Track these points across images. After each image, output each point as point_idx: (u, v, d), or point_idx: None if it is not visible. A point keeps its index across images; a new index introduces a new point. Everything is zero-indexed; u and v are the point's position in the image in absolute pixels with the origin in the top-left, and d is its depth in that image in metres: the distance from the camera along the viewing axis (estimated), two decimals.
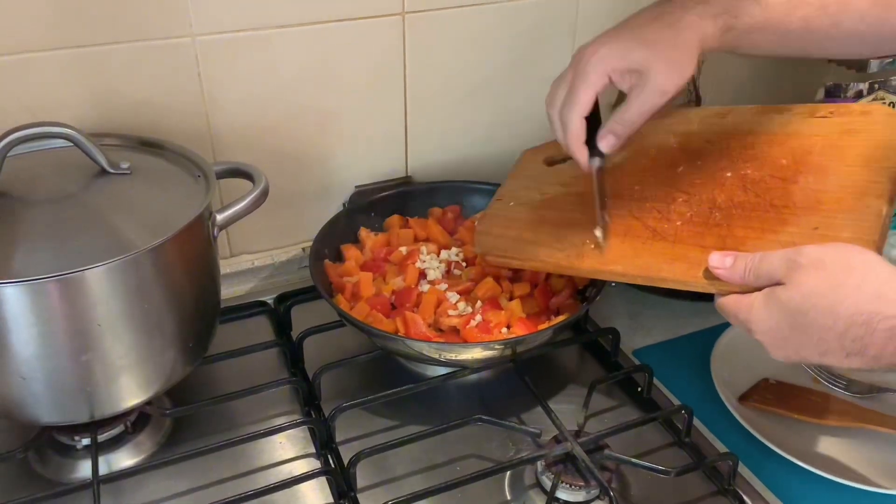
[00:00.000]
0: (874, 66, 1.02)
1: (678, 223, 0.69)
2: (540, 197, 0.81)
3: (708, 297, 0.90)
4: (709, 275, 0.62)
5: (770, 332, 0.56)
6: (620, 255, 0.69)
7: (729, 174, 0.71)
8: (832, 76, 1.20)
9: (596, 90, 0.64)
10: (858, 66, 1.04)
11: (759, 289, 0.57)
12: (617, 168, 0.77)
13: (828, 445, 0.72)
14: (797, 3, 0.64)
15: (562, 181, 0.81)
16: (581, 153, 0.67)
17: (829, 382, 0.80)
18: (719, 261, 0.61)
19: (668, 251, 0.67)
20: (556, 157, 0.85)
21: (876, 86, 1.07)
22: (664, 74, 0.62)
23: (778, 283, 0.56)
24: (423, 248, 0.85)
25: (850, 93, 1.06)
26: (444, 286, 0.80)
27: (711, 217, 0.68)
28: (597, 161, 0.69)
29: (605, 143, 0.67)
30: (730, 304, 0.59)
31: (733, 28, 0.63)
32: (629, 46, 0.63)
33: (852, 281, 0.52)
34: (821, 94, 1.09)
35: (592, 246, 0.71)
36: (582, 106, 0.65)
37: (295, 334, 0.81)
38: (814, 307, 0.53)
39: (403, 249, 0.86)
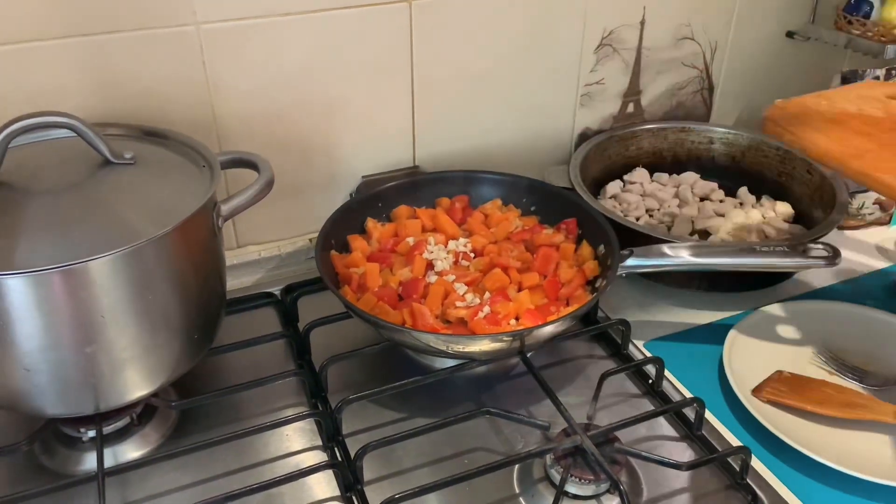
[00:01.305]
0: (891, 51, 1.01)
1: None
2: (854, 110, 0.81)
3: (720, 288, 0.90)
4: None
5: None
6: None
7: None
8: (849, 62, 1.18)
9: None
10: (875, 52, 1.02)
11: None
12: None
13: (843, 439, 0.71)
14: None
15: (888, 110, 0.81)
16: None
17: (844, 374, 0.79)
18: None
19: None
20: None
21: (893, 72, 1.05)
22: None
23: None
24: (431, 239, 0.84)
25: (867, 79, 1.05)
26: (451, 277, 0.79)
27: None
28: None
29: None
30: None
31: None
32: None
33: None
34: (837, 80, 1.08)
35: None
36: None
37: (302, 326, 0.81)
38: None
39: (411, 240, 0.85)
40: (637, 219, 0.97)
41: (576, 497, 0.64)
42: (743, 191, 1.03)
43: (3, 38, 0.71)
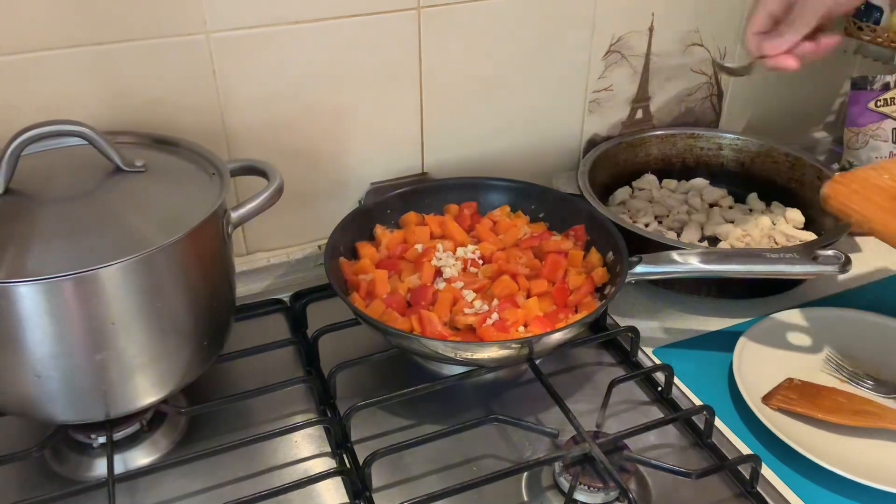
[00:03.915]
0: None
1: None
2: None
3: (730, 295, 0.89)
4: None
5: None
6: None
7: None
8: (858, 68, 1.18)
9: (768, 10, 0.76)
10: (885, 58, 1.01)
11: None
12: None
13: (854, 447, 0.71)
14: None
15: None
16: (750, 50, 0.79)
17: (856, 382, 0.78)
18: None
19: None
20: None
21: None
22: None
23: None
24: (440, 246, 0.84)
25: (877, 85, 1.04)
26: (460, 284, 0.79)
27: None
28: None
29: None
30: None
31: None
32: None
33: None
34: (847, 86, 1.07)
35: None
36: (754, 25, 0.78)
37: (310, 332, 0.81)
38: None
39: (419, 247, 0.85)
40: (646, 225, 0.97)
41: None
42: (752, 197, 1.03)
43: (14, 48, 0.72)
